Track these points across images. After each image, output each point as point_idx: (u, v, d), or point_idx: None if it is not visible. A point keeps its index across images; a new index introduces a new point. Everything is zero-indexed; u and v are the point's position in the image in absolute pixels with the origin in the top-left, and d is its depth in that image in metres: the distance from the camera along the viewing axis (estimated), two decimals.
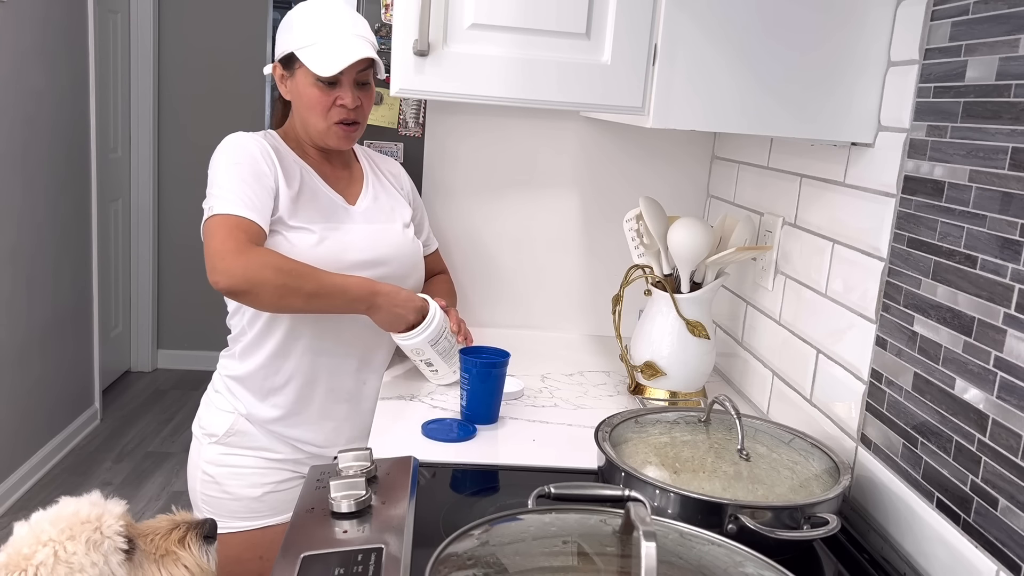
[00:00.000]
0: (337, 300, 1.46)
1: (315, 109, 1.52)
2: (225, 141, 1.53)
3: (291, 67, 1.53)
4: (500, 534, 0.93)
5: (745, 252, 1.54)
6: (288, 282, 1.40)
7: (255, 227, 1.43)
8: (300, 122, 1.57)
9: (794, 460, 1.21)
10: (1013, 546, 0.94)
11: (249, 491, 1.60)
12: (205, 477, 1.61)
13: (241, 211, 1.43)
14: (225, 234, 1.40)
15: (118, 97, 4.23)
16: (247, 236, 1.41)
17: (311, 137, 1.57)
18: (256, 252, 1.40)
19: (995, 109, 1.01)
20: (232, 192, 1.44)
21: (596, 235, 2.06)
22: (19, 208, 3.15)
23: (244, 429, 1.60)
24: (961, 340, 1.04)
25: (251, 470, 1.60)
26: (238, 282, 1.38)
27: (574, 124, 2.01)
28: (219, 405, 1.62)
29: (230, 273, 1.37)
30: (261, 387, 1.59)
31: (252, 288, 1.39)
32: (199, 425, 1.65)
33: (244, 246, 1.40)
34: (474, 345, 1.56)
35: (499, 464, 1.33)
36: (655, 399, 1.60)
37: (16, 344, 3.18)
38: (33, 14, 3.16)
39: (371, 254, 1.58)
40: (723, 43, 1.24)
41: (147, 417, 4.07)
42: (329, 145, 1.57)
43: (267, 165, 1.50)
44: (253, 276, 1.38)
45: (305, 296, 1.42)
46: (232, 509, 1.60)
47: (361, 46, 1.49)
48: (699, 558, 0.92)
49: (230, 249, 1.39)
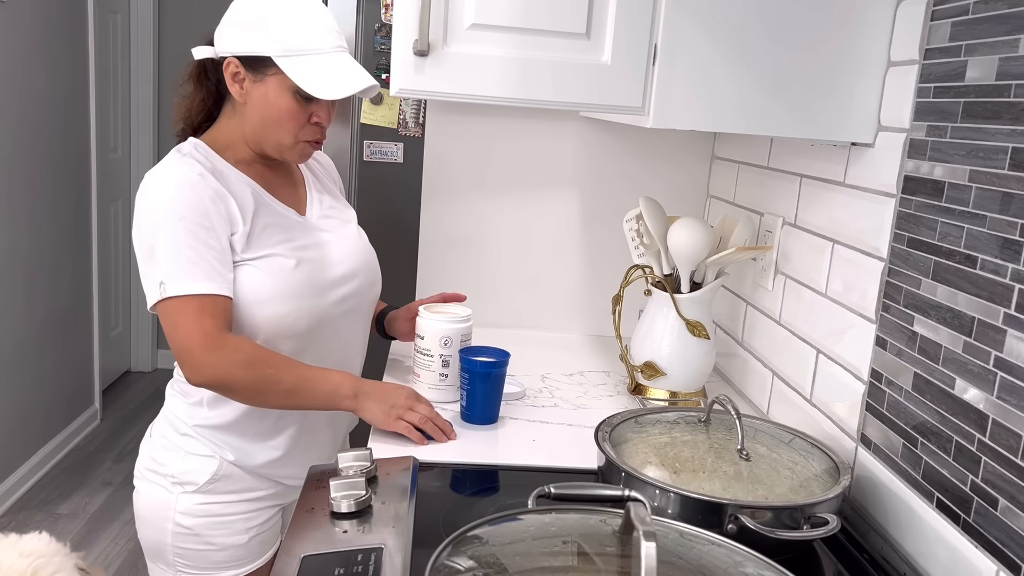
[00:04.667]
0: (318, 393, 1.34)
1: (286, 125, 1.35)
2: (157, 184, 1.32)
3: (260, 70, 1.34)
4: (500, 534, 0.93)
5: (745, 252, 1.54)
6: (262, 379, 1.30)
7: (220, 302, 1.29)
8: (256, 132, 1.38)
9: (794, 460, 1.21)
10: (1013, 546, 0.94)
11: (235, 539, 1.44)
12: (180, 530, 1.42)
13: (202, 287, 1.27)
14: (191, 324, 1.27)
15: (118, 97, 4.23)
16: (214, 322, 1.28)
17: (264, 149, 1.39)
18: (227, 347, 1.28)
19: (995, 109, 1.01)
20: (185, 262, 1.27)
21: (596, 235, 2.06)
22: (19, 208, 3.15)
23: (230, 473, 1.43)
24: (961, 340, 1.04)
25: (237, 516, 1.44)
26: (209, 382, 1.30)
27: (574, 124, 2.01)
28: (194, 450, 1.42)
29: (201, 373, 1.29)
30: (253, 430, 1.43)
31: (225, 388, 1.32)
32: (164, 473, 1.43)
33: (213, 339, 1.27)
34: (474, 345, 1.56)
35: (499, 464, 1.33)
36: (655, 399, 1.60)
37: (16, 344, 3.18)
38: (33, 14, 3.16)
39: (344, 267, 1.45)
40: (723, 43, 1.24)
41: (147, 417, 4.03)
42: (286, 159, 1.41)
43: (217, 207, 1.31)
44: (224, 377, 1.29)
45: (282, 393, 1.33)
46: (216, 560, 1.44)
47: (359, 71, 1.35)
48: (699, 558, 0.93)
49: (197, 343, 1.27)
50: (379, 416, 1.36)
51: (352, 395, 1.35)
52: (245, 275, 1.34)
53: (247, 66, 1.35)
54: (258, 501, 1.47)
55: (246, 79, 1.35)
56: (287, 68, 1.31)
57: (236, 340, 1.30)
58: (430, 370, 1.54)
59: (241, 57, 1.34)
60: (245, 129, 1.39)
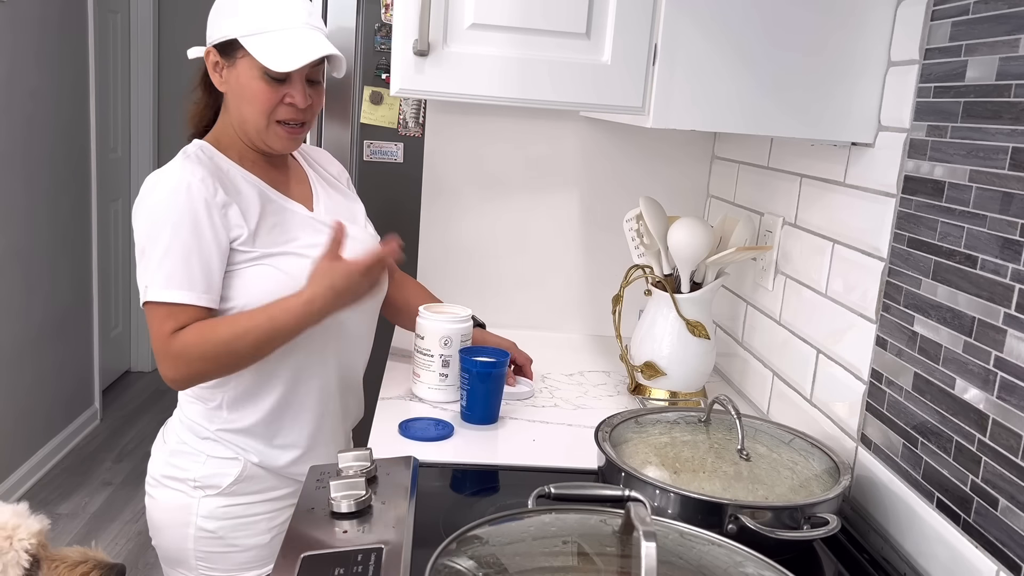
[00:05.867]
0: (290, 323, 1.30)
1: (257, 105, 1.35)
2: (154, 187, 1.32)
3: (231, 55, 1.35)
4: (500, 534, 0.93)
5: (745, 252, 1.54)
6: (228, 353, 1.30)
7: (192, 312, 1.30)
8: (236, 120, 1.38)
9: (794, 460, 1.21)
10: (1013, 546, 0.94)
11: (258, 539, 1.45)
12: (203, 534, 1.42)
13: (176, 296, 1.29)
14: (156, 330, 1.30)
15: (118, 97, 4.23)
16: (173, 326, 1.29)
17: (248, 136, 1.39)
18: (181, 348, 1.28)
19: (995, 109, 1.01)
20: (169, 269, 1.29)
21: (596, 235, 2.06)
22: (19, 208, 3.15)
23: (254, 474, 1.44)
24: (961, 340, 1.04)
25: (260, 517, 1.45)
26: (183, 382, 1.32)
27: (574, 124, 2.01)
28: (217, 453, 1.42)
29: (171, 377, 1.30)
30: (275, 429, 1.44)
31: (199, 380, 1.33)
32: (183, 478, 1.42)
33: (170, 345, 1.29)
34: (474, 345, 1.56)
35: (499, 464, 1.33)
36: (655, 399, 1.60)
37: (16, 344, 3.18)
38: (32, 14, 3.16)
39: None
40: (723, 43, 1.24)
41: (147, 417, 4.06)
42: (270, 147, 1.40)
43: (213, 213, 1.31)
44: (190, 372, 1.30)
45: (256, 345, 1.30)
46: (239, 562, 1.45)
47: (320, 41, 1.34)
48: (699, 558, 0.92)
49: (160, 350, 1.30)
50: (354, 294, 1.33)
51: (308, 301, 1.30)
52: (258, 274, 1.34)
53: (222, 53, 1.36)
54: (280, 500, 1.47)
55: (222, 66, 1.37)
56: (250, 47, 1.32)
57: (182, 339, 1.29)
58: (430, 370, 1.54)
59: (216, 45, 1.36)
60: (233, 120, 1.40)
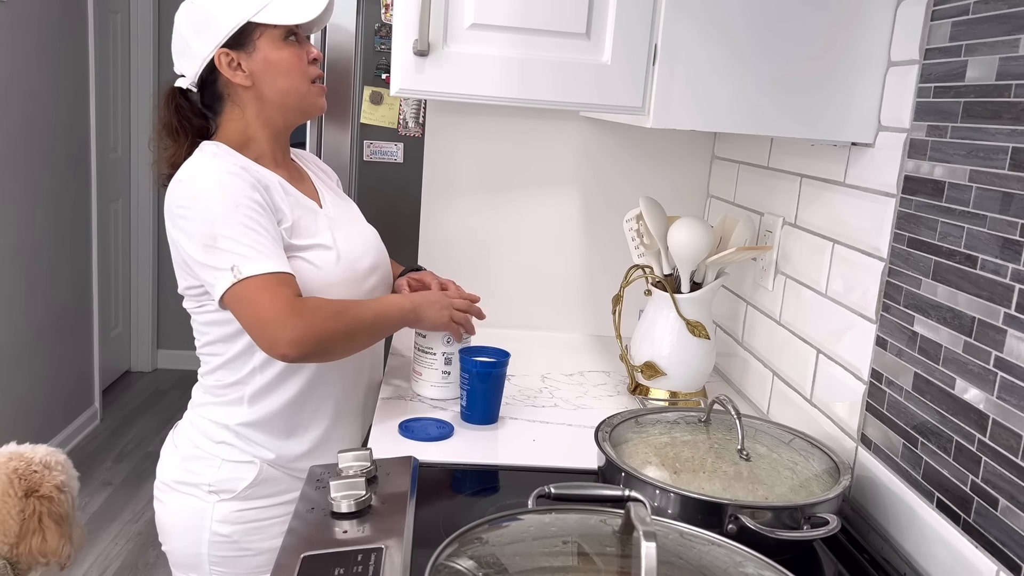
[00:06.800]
0: (392, 319, 1.40)
1: (294, 70, 1.38)
2: (200, 179, 1.33)
3: (246, 42, 1.36)
4: (500, 534, 0.93)
5: (745, 252, 1.54)
6: (350, 323, 1.32)
7: (291, 278, 1.29)
8: (277, 100, 1.39)
9: (794, 460, 1.21)
10: (1013, 546, 0.94)
11: (272, 543, 1.41)
12: (218, 539, 1.41)
13: (274, 265, 1.27)
14: (272, 298, 1.26)
15: (118, 97, 4.23)
16: (292, 291, 1.28)
17: (290, 112, 1.42)
18: (311, 307, 1.28)
19: (995, 109, 1.01)
20: (254, 243, 1.28)
21: (596, 235, 2.06)
22: (19, 208, 3.15)
23: (270, 476, 1.42)
24: (961, 340, 1.04)
25: (274, 520, 1.43)
26: (310, 347, 1.27)
27: (574, 124, 2.01)
28: (232, 457, 1.41)
29: (299, 340, 1.25)
30: (286, 426, 1.43)
31: (323, 346, 1.29)
32: (197, 483, 1.42)
33: (296, 304, 1.27)
34: (474, 345, 1.56)
35: (499, 464, 1.33)
36: (655, 399, 1.60)
37: (15, 344, 3.18)
38: (32, 14, 3.16)
39: (372, 257, 1.50)
40: (723, 43, 1.24)
41: (147, 417, 4.06)
42: (312, 110, 1.43)
43: (261, 194, 1.33)
44: (320, 334, 1.28)
45: (367, 330, 1.36)
46: (253, 565, 1.44)
47: None
48: (699, 558, 0.92)
49: (285, 313, 1.25)
50: (442, 319, 1.46)
51: (412, 309, 1.43)
52: (297, 269, 1.34)
53: (236, 46, 1.37)
54: (294, 503, 1.45)
55: (239, 59, 1.37)
56: (266, 18, 1.35)
57: (313, 300, 1.31)
58: (432, 368, 1.54)
59: (227, 45, 1.36)
60: (265, 111, 1.40)
